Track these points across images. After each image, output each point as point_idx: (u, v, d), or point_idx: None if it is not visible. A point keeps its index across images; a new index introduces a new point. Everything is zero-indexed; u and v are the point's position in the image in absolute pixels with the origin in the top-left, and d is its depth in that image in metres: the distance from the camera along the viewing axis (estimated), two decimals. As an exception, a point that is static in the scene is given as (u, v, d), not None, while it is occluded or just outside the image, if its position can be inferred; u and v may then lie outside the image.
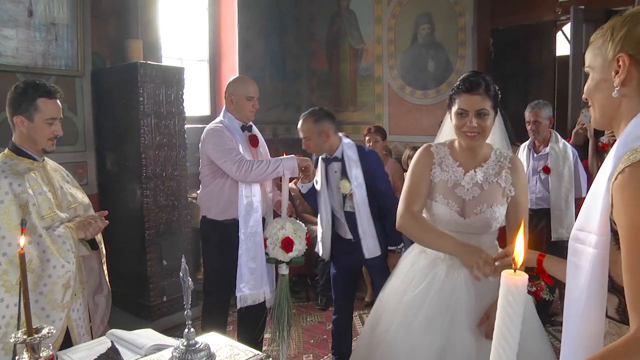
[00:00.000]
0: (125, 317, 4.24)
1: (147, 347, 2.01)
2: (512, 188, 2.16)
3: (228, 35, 6.22)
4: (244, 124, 3.33)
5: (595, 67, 1.23)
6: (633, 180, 1.04)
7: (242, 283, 3.22)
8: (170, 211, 4.56)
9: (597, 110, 1.26)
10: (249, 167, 3.08)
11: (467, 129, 2.09)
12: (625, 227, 1.05)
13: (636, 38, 1.12)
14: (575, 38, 5.00)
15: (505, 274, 0.93)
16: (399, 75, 6.57)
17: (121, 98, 4.42)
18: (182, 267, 1.87)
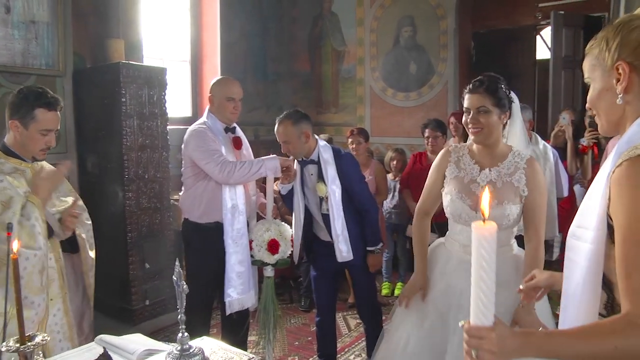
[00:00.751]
0: (107, 321, 4.13)
1: (139, 352, 1.98)
2: (525, 188, 2.26)
3: (210, 36, 6.17)
4: (227, 125, 3.29)
5: (595, 78, 1.26)
6: (631, 173, 1.08)
7: (230, 288, 3.17)
8: (153, 213, 4.50)
9: (603, 119, 1.29)
10: (232, 169, 3.05)
11: (470, 124, 2.28)
12: (621, 218, 1.09)
13: (632, 45, 1.15)
14: (555, 42, 5.09)
15: (475, 225, 1.02)
16: (380, 77, 6.60)
17: (103, 99, 4.35)
18: (176, 271, 1.86)
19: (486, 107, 2.24)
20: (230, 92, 3.24)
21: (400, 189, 5.12)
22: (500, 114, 2.27)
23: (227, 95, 3.22)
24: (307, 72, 7.24)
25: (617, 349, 1.03)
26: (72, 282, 2.65)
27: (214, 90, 3.27)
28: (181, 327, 1.85)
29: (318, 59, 7.12)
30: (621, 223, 1.09)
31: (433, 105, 6.19)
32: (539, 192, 2.30)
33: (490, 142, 2.32)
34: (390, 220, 5.32)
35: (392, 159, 5.45)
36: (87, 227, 2.70)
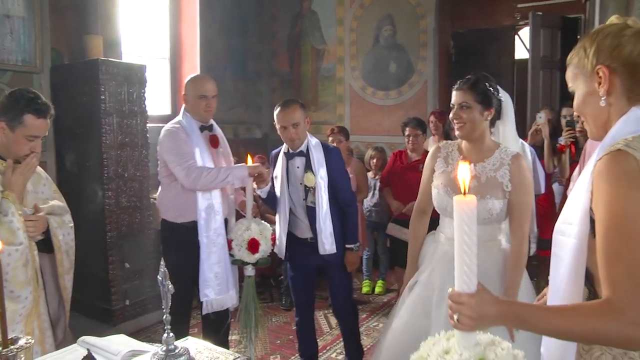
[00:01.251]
0: (86, 322, 4.10)
1: (123, 353, 1.95)
2: (509, 184, 2.31)
3: (189, 33, 6.12)
4: (203, 123, 3.24)
5: (578, 85, 1.33)
6: (610, 167, 1.15)
7: (207, 288, 3.15)
8: (133, 212, 4.44)
9: (591, 124, 1.34)
10: (198, 175, 3.02)
11: (453, 120, 2.37)
12: (601, 210, 1.15)
13: (607, 49, 1.23)
14: (534, 42, 5.16)
15: (456, 199, 1.10)
16: (360, 76, 6.62)
17: (81, 96, 4.28)
18: (161, 270, 1.83)
19: (468, 103, 2.31)
20: (203, 89, 3.18)
21: (381, 187, 5.14)
22: (482, 110, 2.31)
23: (200, 93, 3.17)
24: (287, 70, 7.23)
25: (594, 331, 1.11)
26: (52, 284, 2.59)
27: (187, 89, 3.23)
28: (166, 328, 1.83)
29: (298, 58, 7.11)
30: (601, 214, 1.15)
31: (413, 104, 6.23)
32: (524, 189, 2.34)
33: (475, 138, 2.38)
34: (371, 218, 5.34)
35: (372, 157, 5.47)
36: (67, 230, 2.63)
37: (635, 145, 1.15)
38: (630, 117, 1.23)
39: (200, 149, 3.13)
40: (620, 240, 1.12)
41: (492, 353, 1.10)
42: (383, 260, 5.48)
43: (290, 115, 3.15)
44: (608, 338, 1.12)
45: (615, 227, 1.13)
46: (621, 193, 1.13)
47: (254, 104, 7.10)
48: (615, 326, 1.09)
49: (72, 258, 2.61)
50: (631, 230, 1.11)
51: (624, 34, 1.24)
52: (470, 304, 1.12)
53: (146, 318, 4.48)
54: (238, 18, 6.72)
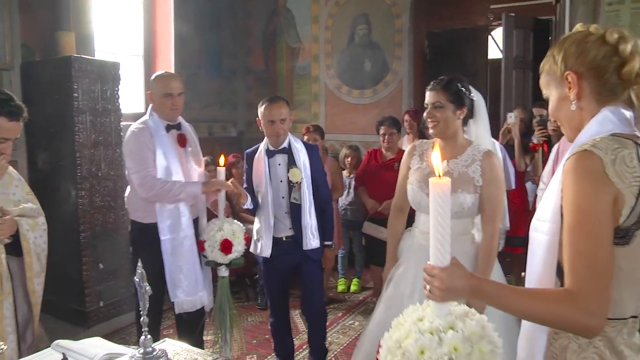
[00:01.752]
0: (59, 325, 4.03)
1: (99, 357, 1.94)
2: (480, 179, 2.41)
3: (163, 30, 6.05)
4: (170, 122, 3.16)
5: (551, 92, 1.41)
6: (576, 166, 1.22)
7: (177, 289, 3.10)
8: (107, 212, 4.39)
9: (566, 127, 1.42)
10: (151, 186, 2.98)
11: (427, 119, 2.47)
12: (567, 206, 1.23)
13: (573, 55, 1.32)
14: (507, 42, 5.24)
15: (431, 180, 1.19)
16: (335, 74, 6.64)
17: (54, 93, 4.20)
18: (139, 272, 1.82)
19: (440, 103, 2.41)
20: (168, 87, 3.09)
21: (356, 185, 5.16)
22: (455, 109, 2.42)
23: (165, 91, 3.08)
24: (262, 68, 7.21)
25: (552, 314, 1.20)
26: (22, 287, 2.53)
27: (152, 87, 3.15)
28: (144, 330, 1.82)
29: (273, 56, 7.09)
30: (568, 211, 1.23)
31: (388, 102, 6.27)
32: (496, 184, 2.44)
33: (448, 136, 2.48)
34: (346, 216, 5.36)
35: (346, 155, 5.49)
36: (40, 232, 2.55)
37: (602, 146, 1.21)
38: (599, 118, 1.29)
39: (165, 150, 3.07)
40: (583, 236, 1.20)
41: (460, 322, 1.19)
42: (358, 259, 5.51)
43: (278, 110, 3.15)
44: (563, 322, 1.21)
45: (579, 224, 1.20)
46: (586, 192, 1.20)
47: (229, 102, 7.06)
48: (572, 313, 1.17)
49: (43, 261, 2.55)
50: (593, 228, 1.19)
51: (588, 40, 1.32)
52: (441, 276, 1.21)
53: (120, 319, 4.43)
54: (213, 15, 6.67)
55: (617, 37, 1.29)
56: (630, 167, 1.19)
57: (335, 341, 4.18)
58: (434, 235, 1.22)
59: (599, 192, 1.19)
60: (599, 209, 1.19)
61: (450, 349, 1.15)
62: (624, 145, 1.22)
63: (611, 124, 1.27)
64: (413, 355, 1.17)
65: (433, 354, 1.15)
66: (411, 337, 1.20)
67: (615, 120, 1.28)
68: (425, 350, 1.16)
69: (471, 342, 1.17)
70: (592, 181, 1.19)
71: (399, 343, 1.22)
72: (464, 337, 1.17)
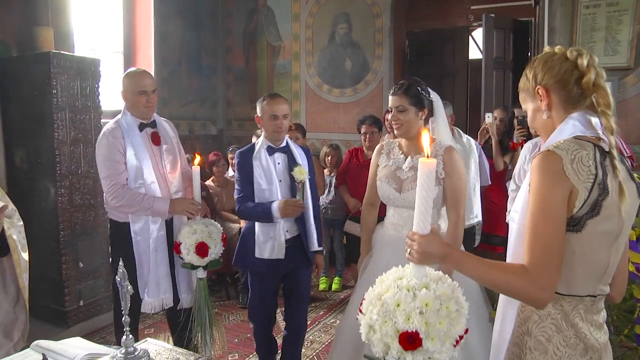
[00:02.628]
0: (38, 325, 3.97)
1: (80, 357, 1.93)
2: (443, 172, 2.60)
3: (143, 27, 5.99)
4: (144, 121, 3.11)
5: (527, 105, 1.64)
6: (540, 164, 1.42)
7: (144, 289, 3.08)
8: (87, 210, 4.34)
9: (542, 133, 1.63)
10: (120, 196, 2.94)
11: (392, 122, 2.66)
12: (531, 197, 1.43)
13: (542, 72, 1.55)
14: (487, 43, 5.30)
15: (421, 160, 1.40)
16: (316, 73, 6.65)
17: (32, 90, 4.13)
18: (120, 271, 1.81)
19: (404, 107, 2.58)
20: (141, 84, 3.03)
21: (337, 184, 5.17)
22: (417, 111, 2.60)
23: (139, 88, 3.02)
24: (242, 66, 7.19)
25: (509, 284, 1.41)
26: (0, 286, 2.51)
27: (124, 85, 3.07)
28: (125, 330, 1.82)
29: (253, 54, 7.08)
30: (530, 200, 1.43)
31: (368, 101, 6.30)
32: (457, 176, 2.60)
33: (412, 135, 2.65)
34: (327, 215, 5.36)
35: (327, 154, 5.49)
36: (18, 229, 2.57)
37: (563, 147, 1.41)
38: (565, 125, 1.51)
39: (136, 149, 3.01)
40: (541, 222, 1.40)
41: (434, 284, 1.41)
42: (339, 257, 5.53)
43: (282, 106, 3.06)
44: (517, 292, 1.43)
45: (538, 212, 1.41)
46: (545, 185, 1.40)
47: (209, 100, 7.03)
48: (525, 286, 1.38)
49: (26, 258, 2.56)
50: (550, 216, 1.39)
51: (553, 58, 1.55)
52: (420, 242, 1.42)
53: (101, 319, 4.38)
54: (193, 12, 6.63)
55: (575, 54, 1.51)
56: (586, 165, 1.39)
57: (316, 340, 4.19)
58: (418, 207, 1.42)
59: (557, 186, 1.39)
60: (555, 201, 1.39)
61: (422, 304, 1.36)
62: (583, 146, 1.42)
63: (574, 128, 1.48)
64: (390, 306, 1.39)
65: (407, 307, 1.36)
66: (390, 292, 1.41)
67: (578, 125, 1.48)
68: (401, 303, 1.38)
69: (441, 301, 1.38)
70: (551, 177, 1.39)
71: (380, 296, 1.43)
72: (435, 296, 1.38)
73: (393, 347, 1.39)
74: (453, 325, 1.39)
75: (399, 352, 1.38)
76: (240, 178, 3.12)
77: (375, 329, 1.42)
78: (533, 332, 1.50)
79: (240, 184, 3.11)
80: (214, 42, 7.06)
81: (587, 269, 1.46)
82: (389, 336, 1.39)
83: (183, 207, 3.01)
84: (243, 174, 3.09)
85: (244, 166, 3.09)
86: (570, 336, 1.47)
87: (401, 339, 1.37)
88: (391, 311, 1.39)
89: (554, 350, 1.47)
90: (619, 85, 4.94)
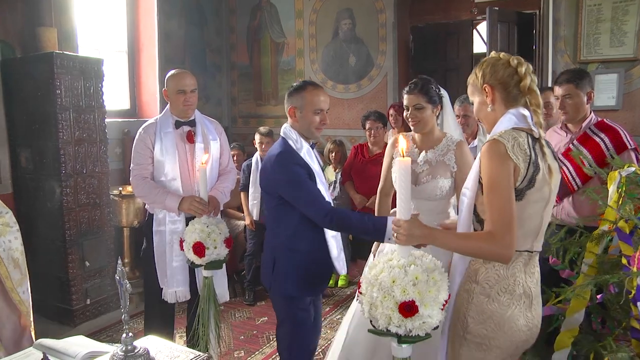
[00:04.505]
0: (46, 324, 4.01)
1: (81, 355, 1.94)
2: (455, 165, 2.76)
3: (147, 26, 5.99)
4: (182, 119, 3.21)
5: (475, 98, 1.99)
6: (489, 149, 1.79)
7: (164, 278, 3.20)
8: (92, 210, 4.35)
9: (484, 122, 2.00)
10: (138, 186, 3.14)
11: (410, 119, 2.80)
12: (483, 177, 1.80)
13: (489, 74, 1.90)
14: (491, 37, 5.26)
15: (397, 159, 1.77)
16: (320, 69, 6.63)
17: (36, 90, 4.15)
18: (119, 269, 1.81)
19: (421, 104, 2.74)
20: (181, 84, 3.16)
21: (343, 180, 5.17)
22: (432, 108, 2.77)
23: (178, 87, 3.16)
24: (247, 63, 7.19)
25: (480, 248, 1.77)
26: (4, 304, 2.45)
27: (167, 84, 3.22)
28: (124, 328, 1.82)
29: (257, 51, 7.08)
30: (484, 180, 1.79)
31: (373, 97, 6.28)
32: (467, 168, 2.60)
33: (427, 131, 2.81)
34: (333, 211, 5.35)
35: (331, 150, 5.49)
36: (13, 234, 2.44)
37: (505, 136, 1.77)
38: (505, 117, 1.86)
39: (165, 145, 3.13)
40: (495, 195, 1.75)
41: (419, 260, 1.75)
42: (345, 254, 5.47)
43: (327, 99, 2.65)
44: (487, 253, 1.77)
45: (491, 187, 1.76)
46: (494, 165, 1.76)
47: (214, 98, 7.04)
48: (493, 247, 1.73)
49: (23, 266, 2.45)
50: (500, 189, 1.75)
51: (498, 63, 1.90)
52: (405, 226, 1.77)
53: (108, 317, 4.41)
54: (196, 10, 6.64)
55: (516, 62, 1.87)
56: (523, 149, 1.76)
57: (322, 336, 4.19)
58: (399, 198, 1.78)
59: (504, 164, 1.75)
60: (504, 177, 1.74)
61: (413, 278, 1.67)
62: (519, 135, 1.79)
63: (510, 122, 1.83)
64: (387, 284, 1.67)
65: (402, 282, 1.66)
66: (385, 272, 1.69)
67: (514, 119, 1.84)
68: (396, 280, 1.67)
69: (427, 273, 1.70)
70: (499, 158, 1.76)
71: (376, 277, 1.71)
72: (423, 270, 1.69)
73: (394, 317, 1.65)
74: (440, 292, 1.70)
75: (400, 321, 1.65)
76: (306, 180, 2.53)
77: (376, 305, 1.67)
78: (480, 281, 1.85)
79: (310, 186, 2.52)
80: (218, 40, 7.07)
81: (526, 229, 1.81)
82: (390, 308, 1.64)
83: (188, 205, 3.04)
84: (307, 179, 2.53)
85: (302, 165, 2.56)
86: (509, 284, 1.83)
87: (401, 308, 1.63)
88: (388, 287, 1.65)
89: (495, 295, 1.82)
90: (625, 77, 4.88)
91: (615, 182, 2.44)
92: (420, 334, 1.69)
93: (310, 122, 2.58)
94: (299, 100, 2.58)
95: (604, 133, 2.98)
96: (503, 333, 1.82)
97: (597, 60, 5.01)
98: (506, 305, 1.81)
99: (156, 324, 3.24)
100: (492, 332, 1.82)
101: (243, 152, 5.74)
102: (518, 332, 1.84)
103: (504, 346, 1.84)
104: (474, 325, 1.84)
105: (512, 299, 1.82)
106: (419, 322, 1.64)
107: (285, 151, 2.54)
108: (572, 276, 2.55)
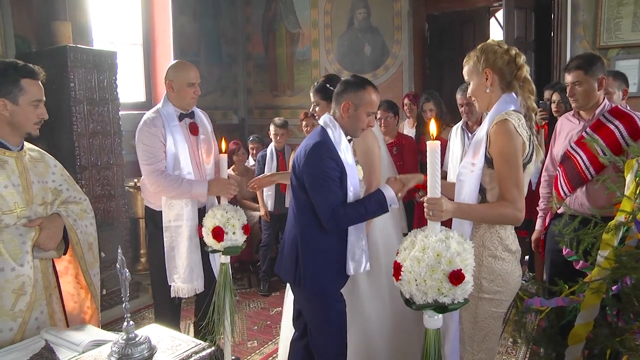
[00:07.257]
0: (62, 313, 4.07)
1: (85, 343, 1.95)
2: None
3: (161, 18, 6.02)
4: (184, 111, 3.19)
5: (472, 79, 2.20)
6: (500, 128, 2.03)
7: (174, 274, 3.18)
8: (107, 201, 4.41)
9: (479, 102, 2.23)
10: (157, 181, 3.03)
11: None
12: (495, 153, 2.05)
13: (490, 60, 2.12)
14: (508, 23, 5.17)
15: (429, 143, 1.82)
16: (335, 59, 6.60)
17: (50, 84, 4.06)
18: (119, 258, 1.81)
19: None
20: (191, 77, 3.13)
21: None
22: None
23: (188, 80, 3.11)
24: (262, 54, 7.18)
25: (500, 214, 2.05)
26: None
27: (172, 76, 3.14)
28: (126, 316, 1.83)
29: (272, 42, 7.06)
30: (496, 155, 2.05)
31: (388, 86, 6.23)
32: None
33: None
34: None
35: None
36: (89, 220, 2.49)
37: (511, 116, 2.03)
38: (503, 100, 2.12)
39: (175, 138, 3.10)
40: (507, 168, 2.02)
41: (450, 234, 1.85)
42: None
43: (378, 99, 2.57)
44: (508, 218, 2.05)
45: (504, 162, 2.02)
46: (506, 140, 2.02)
47: (229, 89, 7.04)
48: (509, 211, 2.02)
49: (95, 251, 2.49)
50: (512, 163, 2.02)
51: (498, 50, 2.13)
52: (440, 203, 1.88)
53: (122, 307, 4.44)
54: (211, 1, 6.64)
55: (514, 53, 2.13)
56: (524, 128, 2.05)
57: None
58: (430, 178, 1.86)
59: (514, 141, 2.02)
60: (515, 151, 2.01)
61: (454, 250, 1.79)
62: (518, 117, 2.06)
63: (508, 104, 2.10)
64: (432, 259, 1.77)
65: (447, 254, 1.77)
66: (428, 248, 1.79)
67: (509, 102, 2.11)
68: (441, 253, 1.78)
69: (461, 244, 1.82)
70: (509, 135, 2.02)
71: (421, 254, 1.80)
72: (457, 242, 1.82)
73: (444, 287, 1.76)
74: (471, 259, 1.83)
75: (450, 290, 1.77)
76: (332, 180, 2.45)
77: (425, 279, 1.77)
78: (486, 244, 2.13)
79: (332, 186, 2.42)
80: (233, 30, 7.06)
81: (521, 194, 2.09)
82: (439, 280, 1.76)
83: (221, 187, 3.05)
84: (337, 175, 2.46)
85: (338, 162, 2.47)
86: (508, 244, 2.14)
87: (451, 277, 1.75)
88: (434, 262, 1.76)
89: (500, 255, 2.12)
90: (647, 62, 4.76)
91: (633, 171, 2.34)
92: (461, 301, 1.82)
93: (362, 122, 2.49)
94: (357, 97, 2.46)
95: (618, 120, 2.86)
96: (509, 285, 2.15)
97: (618, 45, 4.88)
98: (508, 262, 2.14)
99: (167, 319, 3.25)
100: (501, 287, 2.13)
101: (262, 144, 5.74)
102: (517, 283, 2.19)
103: (509, 297, 2.18)
104: (487, 284, 2.12)
105: (511, 256, 2.15)
106: (462, 290, 1.78)
107: (323, 141, 2.44)
108: (587, 267, 2.47)
